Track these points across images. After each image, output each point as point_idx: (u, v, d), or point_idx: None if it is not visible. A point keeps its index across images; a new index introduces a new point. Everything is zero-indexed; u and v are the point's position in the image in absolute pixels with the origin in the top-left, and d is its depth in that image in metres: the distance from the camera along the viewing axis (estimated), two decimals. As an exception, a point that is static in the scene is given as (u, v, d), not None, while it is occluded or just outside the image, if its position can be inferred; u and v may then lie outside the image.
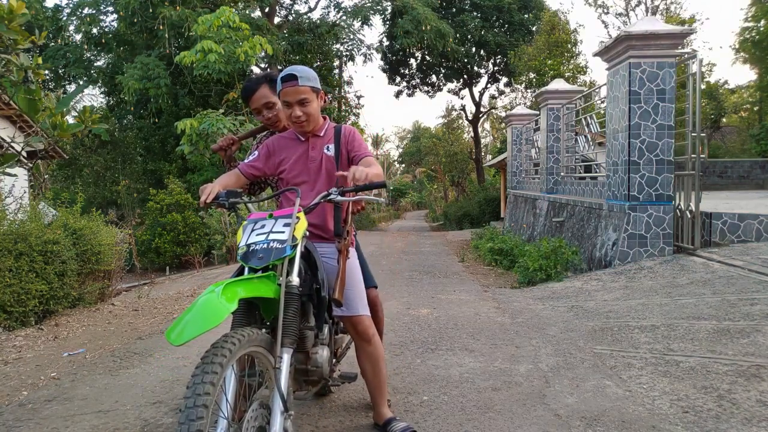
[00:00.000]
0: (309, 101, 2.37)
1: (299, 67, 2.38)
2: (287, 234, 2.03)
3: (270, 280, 2.00)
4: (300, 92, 2.34)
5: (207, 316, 1.68)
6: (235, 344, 1.72)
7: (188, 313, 1.71)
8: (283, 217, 2.11)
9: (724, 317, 3.94)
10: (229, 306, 1.73)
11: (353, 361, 2.61)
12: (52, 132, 5.14)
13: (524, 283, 7.14)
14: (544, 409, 2.77)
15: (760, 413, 2.56)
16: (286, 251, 1.99)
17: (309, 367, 2.23)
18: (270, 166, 2.53)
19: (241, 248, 2.06)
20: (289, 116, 2.41)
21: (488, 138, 40.49)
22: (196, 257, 12.02)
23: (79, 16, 20.21)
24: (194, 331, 1.65)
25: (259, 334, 1.87)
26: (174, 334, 1.66)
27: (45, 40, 9.60)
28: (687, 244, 6.17)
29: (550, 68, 18.55)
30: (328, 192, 2.24)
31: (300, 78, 2.32)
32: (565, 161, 10.31)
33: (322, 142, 2.50)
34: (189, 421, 1.52)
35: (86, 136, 17.08)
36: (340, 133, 2.53)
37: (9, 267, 4.84)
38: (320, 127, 2.51)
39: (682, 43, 6.67)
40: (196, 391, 1.56)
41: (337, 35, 21.76)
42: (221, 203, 2.30)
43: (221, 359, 1.65)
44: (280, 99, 2.42)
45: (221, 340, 1.72)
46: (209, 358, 1.65)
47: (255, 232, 2.09)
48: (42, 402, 3.13)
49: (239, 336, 1.76)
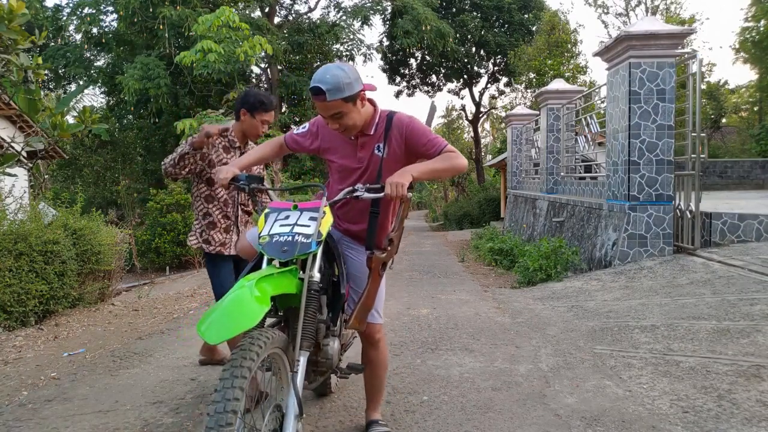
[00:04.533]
0: (344, 113, 2.12)
1: (328, 76, 2.05)
2: (313, 228, 1.95)
3: (291, 275, 1.94)
4: (329, 108, 2.09)
5: (241, 316, 1.63)
6: (262, 347, 1.68)
7: (222, 309, 1.66)
8: (309, 210, 2.03)
9: (724, 317, 3.94)
10: (263, 306, 1.69)
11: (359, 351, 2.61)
12: (52, 132, 5.14)
13: (524, 283, 7.14)
14: (544, 409, 2.77)
15: (760, 413, 2.56)
16: (311, 247, 1.92)
17: (319, 358, 2.18)
18: (313, 147, 2.41)
19: (263, 237, 1.98)
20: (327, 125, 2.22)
21: (488, 138, 40.49)
22: (196, 257, 12.02)
23: (79, 15, 20.21)
24: (230, 331, 1.60)
25: (279, 335, 1.84)
26: (209, 331, 1.60)
27: (45, 40, 9.60)
28: (687, 244, 6.17)
29: (550, 68, 18.54)
30: (354, 188, 2.11)
31: (328, 92, 2.04)
32: (565, 161, 10.31)
33: (372, 141, 2.26)
34: (219, 426, 1.47)
35: (86, 136, 17.07)
36: (391, 127, 2.24)
37: (9, 267, 4.84)
38: (370, 124, 2.24)
39: (682, 43, 6.67)
40: (226, 396, 1.51)
41: (337, 35, 21.74)
42: (241, 187, 2.22)
43: (250, 363, 1.60)
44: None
45: (248, 342, 1.68)
46: (237, 362, 1.59)
47: (278, 222, 2.01)
48: (42, 402, 3.13)
49: (264, 338, 1.72)
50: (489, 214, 20.61)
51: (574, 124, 10.18)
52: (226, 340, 1.61)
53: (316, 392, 2.96)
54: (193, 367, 3.69)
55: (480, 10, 25.68)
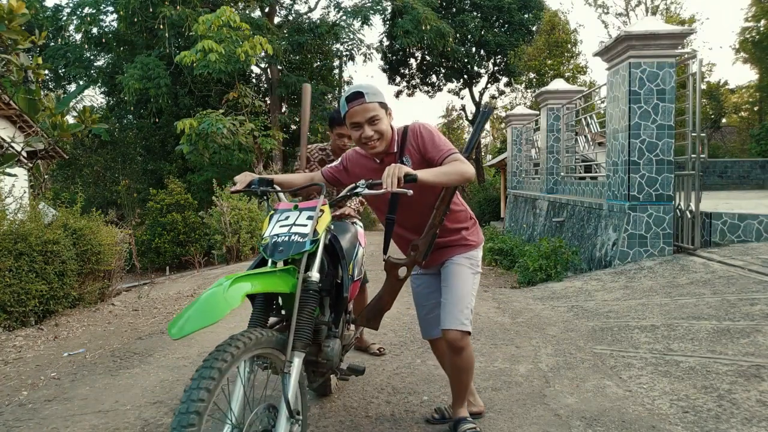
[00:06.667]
0: (379, 118, 2.17)
1: (365, 84, 2.21)
2: (309, 227, 1.97)
3: (290, 275, 1.95)
4: (369, 109, 2.15)
5: (208, 312, 1.64)
6: (239, 348, 1.67)
7: (192, 306, 1.68)
8: (308, 209, 2.05)
9: (724, 317, 3.94)
10: (232, 303, 1.68)
11: (355, 362, 2.61)
12: (52, 132, 5.14)
13: (524, 283, 7.14)
14: (544, 409, 2.77)
15: (760, 413, 2.56)
16: (305, 246, 1.93)
17: (320, 359, 2.19)
18: (346, 178, 2.43)
19: (265, 239, 2.01)
20: (359, 138, 2.20)
21: (488, 138, 40.50)
22: (196, 257, 12.02)
23: (79, 15, 20.20)
24: (194, 326, 1.61)
25: (270, 335, 1.82)
26: (175, 327, 1.63)
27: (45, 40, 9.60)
28: (687, 244, 6.17)
29: (550, 68, 18.56)
30: (356, 185, 2.11)
31: (367, 94, 2.14)
32: (565, 161, 10.31)
33: (395, 158, 2.28)
34: (180, 427, 1.49)
35: (86, 136, 17.06)
36: (405, 139, 2.29)
37: (9, 267, 4.84)
38: (392, 143, 2.28)
39: (682, 43, 6.67)
40: (191, 397, 1.52)
41: (337, 35, 21.74)
42: (253, 190, 2.26)
43: (221, 364, 1.60)
44: (346, 122, 2.22)
45: (225, 343, 1.68)
46: (209, 362, 1.60)
47: (279, 223, 2.04)
48: (42, 402, 3.13)
49: (245, 339, 1.71)
50: (489, 214, 20.61)
51: (574, 124, 10.19)
52: (188, 334, 1.61)
53: (316, 392, 2.96)
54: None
55: (480, 10, 25.66)
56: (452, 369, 2.42)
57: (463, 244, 2.42)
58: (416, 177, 1.95)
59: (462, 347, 2.31)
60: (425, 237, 2.30)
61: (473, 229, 2.49)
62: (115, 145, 22.10)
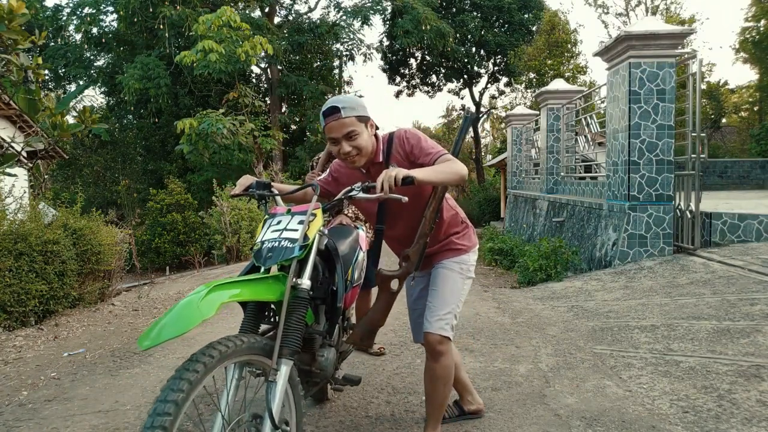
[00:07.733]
0: (357, 133, 2.09)
1: (341, 97, 2.12)
2: (299, 232, 1.90)
3: (281, 281, 1.88)
4: (345, 125, 2.07)
5: (181, 321, 1.56)
6: (213, 357, 1.57)
7: (167, 315, 1.59)
8: (300, 213, 1.98)
9: (724, 317, 3.94)
10: (206, 313, 1.59)
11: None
12: (52, 132, 5.14)
13: (524, 283, 7.14)
14: (544, 409, 2.77)
15: (760, 413, 2.56)
16: (294, 252, 1.86)
17: (313, 369, 2.12)
18: (336, 188, 2.38)
19: (256, 245, 1.94)
20: (338, 153, 2.15)
21: (488, 138, 40.51)
22: (196, 257, 12.03)
23: (79, 15, 20.21)
24: (167, 334, 1.53)
25: (254, 341, 1.73)
26: (147, 339, 1.54)
27: (45, 40, 9.60)
28: (687, 244, 6.17)
29: (550, 68, 18.56)
30: (351, 188, 2.06)
31: (343, 109, 2.06)
32: (565, 161, 10.31)
33: (381, 167, 2.21)
34: None
35: (86, 136, 17.09)
36: (392, 145, 2.23)
37: (9, 267, 4.84)
38: (377, 152, 2.21)
39: (682, 43, 6.67)
40: (157, 411, 1.44)
41: (337, 35, 21.75)
42: (250, 193, 2.23)
43: (192, 375, 1.51)
44: (326, 137, 2.15)
45: (199, 352, 1.59)
46: (179, 373, 1.52)
47: (271, 228, 1.97)
48: (42, 402, 3.13)
49: (222, 347, 1.62)
50: (489, 214, 20.62)
51: (574, 124, 10.19)
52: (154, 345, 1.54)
53: (313, 399, 2.94)
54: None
55: (480, 10, 25.67)
56: (428, 378, 2.31)
57: (453, 248, 2.37)
58: (414, 178, 1.90)
59: (440, 352, 2.23)
60: (415, 246, 2.24)
61: (465, 233, 2.43)
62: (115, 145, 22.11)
